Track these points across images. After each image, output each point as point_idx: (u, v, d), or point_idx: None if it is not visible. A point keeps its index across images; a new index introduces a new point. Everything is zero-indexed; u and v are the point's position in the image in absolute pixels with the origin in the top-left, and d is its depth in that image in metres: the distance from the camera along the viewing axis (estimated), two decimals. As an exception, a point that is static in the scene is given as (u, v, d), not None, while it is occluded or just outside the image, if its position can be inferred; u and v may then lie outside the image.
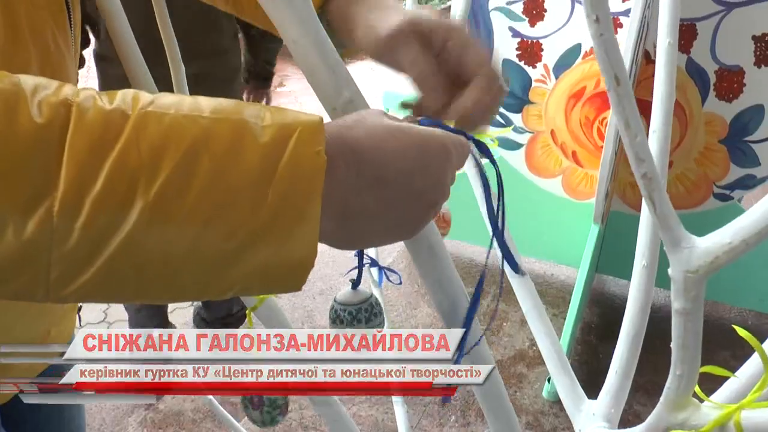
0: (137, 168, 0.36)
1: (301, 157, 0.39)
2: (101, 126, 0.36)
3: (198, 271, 0.39)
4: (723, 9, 2.20)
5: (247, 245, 0.38)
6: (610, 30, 0.29)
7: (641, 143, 0.34)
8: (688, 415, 0.49)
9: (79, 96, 0.37)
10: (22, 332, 0.76)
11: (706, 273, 0.37)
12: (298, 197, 0.38)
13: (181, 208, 0.37)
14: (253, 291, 0.42)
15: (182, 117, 0.38)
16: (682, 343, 0.42)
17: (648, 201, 0.36)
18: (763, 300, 2.57)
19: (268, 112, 0.40)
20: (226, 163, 0.38)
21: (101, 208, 0.36)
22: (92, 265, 0.37)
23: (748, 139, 2.33)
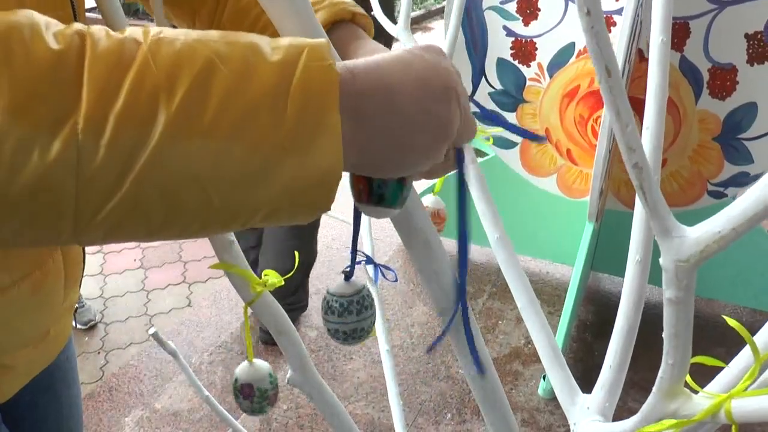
0: (156, 84, 0.37)
1: (314, 70, 0.40)
2: (117, 50, 0.37)
3: (226, 188, 0.39)
4: (716, 7, 2.21)
5: (272, 160, 0.39)
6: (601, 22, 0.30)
7: (632, 133, 0.34)
8: (680, 405, 0.49)
9: (91, 28, 0.38)
10: (24, 331, 0.76)
11: (697, 262, 0.38)
12: (317, 108, 0.39)
13: (203, 122, 0.37)
14: (281, 213, 0.41)
15: (193, 41, 0.39)
16: (674, 332, 0.43)
17: (639, 191, 0.37)
18: (757, 296, 2.59)
19: (274, 39, 0.42)
20: (241, 79, 0.38)
21: (125, 124, 0.36)
22: (120, 187, 0.36)
23: (742, 136, 2.35)
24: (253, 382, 0.71)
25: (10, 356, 0.76)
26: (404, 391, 2.41)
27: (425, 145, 0.46)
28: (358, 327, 0.58)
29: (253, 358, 0.73)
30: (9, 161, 0.34)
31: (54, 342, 0.85)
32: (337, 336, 0.59)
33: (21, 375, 0.81)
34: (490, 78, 2.57)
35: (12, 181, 0.35)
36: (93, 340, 2.68)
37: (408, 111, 0.44)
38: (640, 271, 0.70)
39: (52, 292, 0.76)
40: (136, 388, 2.41)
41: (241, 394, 0.72)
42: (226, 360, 2.54)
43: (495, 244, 0.75)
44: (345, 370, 2.50)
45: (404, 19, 0.86)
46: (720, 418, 0.47)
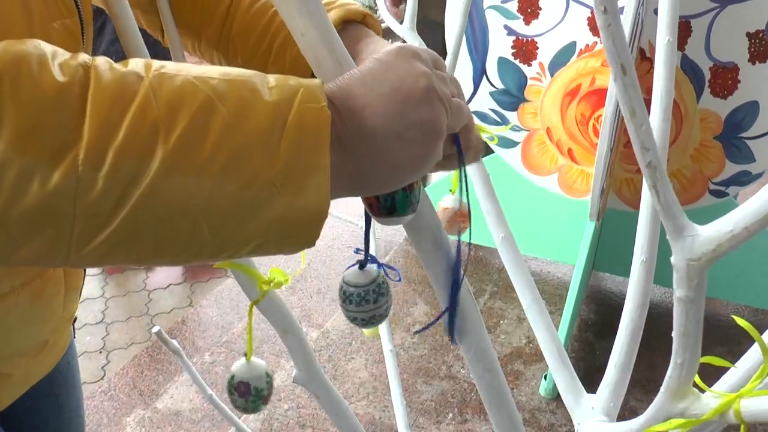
0: (156, 120, 0.38)
1: (307, 111, 0.41)
2: (119, 84, 0.38)
3: (217, 222, 0.40)
4: (717, 6, 2.21)
5: (263, 196, 0.40)
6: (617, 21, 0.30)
7: (646, 132, 0.34)
8: (688, 404, 0.49)
9: (96, 60, 0.40)
10: (22, 341, 0.76)
11: (709, 261, 0.38)
12: (308, 148, 0.41)
13: (198, 158, 0.38)
14: (269, 246, 0.43)
15: (194, 77, 0.40)
16: (684, 331, 0.43)
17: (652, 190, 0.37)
18: (759, 296, 2.59)
19: (272, 77, 0.43)
20: (238, 117, 0.40)
21: (124, 157, 0.37)
22: (115, 217, 0.38)
23: (743, 135, 2.35)
24: (250, 380, 0.71)
25: (8, 364, 0.76)
26: (405, 391, 2.41)
27: (415, 156, 0.46)
28: (376, 314, 0.59)
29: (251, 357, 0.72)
30: (10, 189, 0.36)
31: (52, 351, 0.85)
32: (356, 322, 0.60)
33: (19, 383, 0.80)
34: (491, 77, 2.57)
35: (11, 207, 0.36)
36: (94, 340, 2.68)
37: (389, 129, 0.45)
38: (645, 272, 0.70)
39: (51, 300, 0.75)
40: (137, 388, 2.41)
41: (236, 392, 0.72)
42: (227, 360, 2.54)
43: (500, 243, 0.75)
44: (346, 370, 2.50)
45: (410, 19, 0.86)
46: (729, 418, 0.47)
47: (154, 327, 0.88)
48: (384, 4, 1.04)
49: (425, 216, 0.55)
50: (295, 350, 0.73)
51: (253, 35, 0.75)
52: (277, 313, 0.71)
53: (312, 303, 2.86)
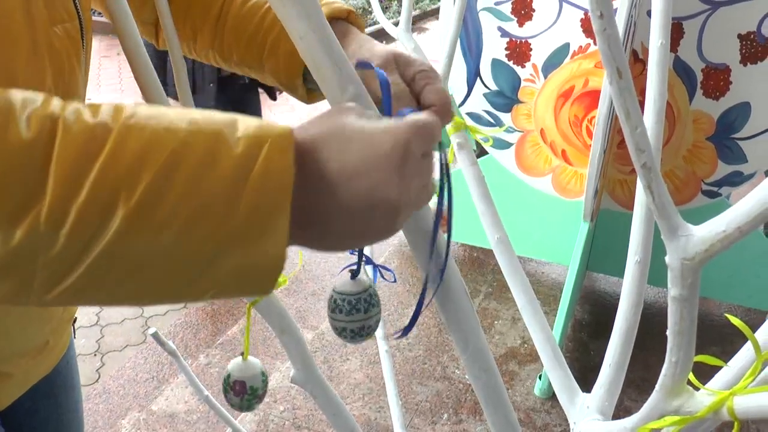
0: (119, 178, 0.38)
1: (272, 167, 0.41)
2: (86, 139, 0.38)
3: (175, 275, 0.41)
4: (709, 8, 2.22)
5: (221, 250, 0.40)
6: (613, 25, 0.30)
7: (641, 134, 0.35)
8: (682, 402, 0.50)
9: (65, 110, 0.39)
10: (23, 341, 0.77)
11: (702, 260, 0.38)
12: (269, 206, 0.41)
13: (159, 215, 0.39)
14: (227, 294, 0.44)
15: (162, 129, 0.40)
16: (678, 329, 0.44)
17: (647, 190, 0.37)
18: (752, 296, 2.60)
19: (242, 123, 0.42)
20: (201, 173, 0.40)
21: (86, 216, 0.37)
22: (75, 271, 0.39)
23: (735, 136, 2.36)
24: (246, 379, 0.71)
25: (9, 364, 0.76)
26: (400, 392, 2.41)
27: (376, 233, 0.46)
28: (365, 325, 0.59)
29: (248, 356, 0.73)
30: None
31: (52, 352, 0.85)
32: (344, 334, 0.59)
33: (19, 383, 0.81)
34: (485, 79, 2.58)
35: None
36: (89, 342, 2.68)
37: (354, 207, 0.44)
38: (639, 272, 0.71)
39: None
40: (132, 390, 2.40)
41: (232, 390, 0.72)
42: (221, 362, 2.54)
43: (495, 244, 0.76)
44: (342, 371, 2.50)
45: (405, 21, 0.86)
46: (722, 415, 0.48)
47: (150, 329, 0.89)
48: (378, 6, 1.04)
49: (422, 218, 0.55)
50: (292, 350, 0.73)
51: (247, 32, 0.77)
52: (275, 313, 0.71)
53: (307, 305, 2.87)
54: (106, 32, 6.02)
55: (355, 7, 8.28)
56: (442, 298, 0.57)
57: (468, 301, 0.58)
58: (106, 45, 6.77)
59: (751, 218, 0.35)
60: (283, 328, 0.71)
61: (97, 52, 6.50)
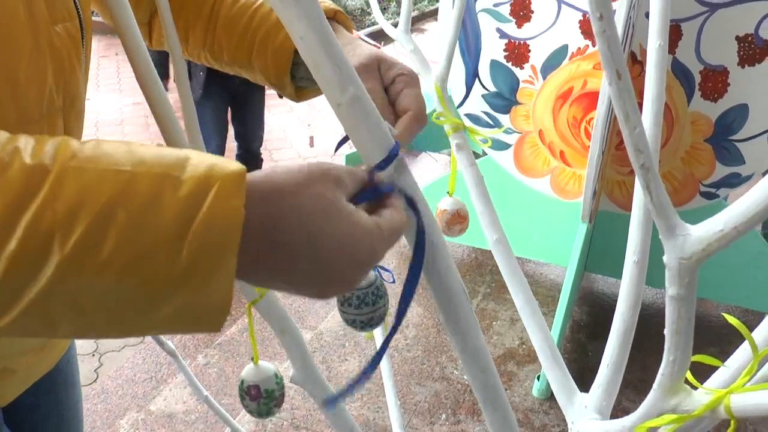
0: (52, 225, 0.37)
1: (218, 210, 0.39)
2: (20, 184, 0.37)
3: (114, 317, 0.40)
4: (707, 10, 2.23)
5: (162, 295, 0.39)
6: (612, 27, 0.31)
7: (640, 135, 0.35)
8: (680, 400, 0.50)
9: (4, 150, 0.38)
10: (23, 340, 0.77)
11: (699, 260, 0.39)
12: (214, 251, 0.39)
13: (95, 262, 0.38)
14: (172, 332, 0.43)
15: (102, 171, 0.39)
16: (676, 328, 0.44)
17: (645, 190, 0.38)
18: (749, 296, 2.61)
19: (193, 163, 0.41)
20: (141, 219, 0.38)
21: (16, 266, 0.37)
22: (9, 314, 0.38)
23: (733, 138, 2.37)
24: (260, 383, 0.72)
25: (12, 360, 0.77)
26: (399, 392, 2.42)
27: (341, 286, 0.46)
28: (374, 316, 0.59)
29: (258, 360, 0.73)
30: None
31: (54, 349, 0.86)
32: (354, 325, 0.61)
33: (22, 379, 0.82)
34: (484, 80, 2.58)
35: None
36: (87, 343, 2.68)
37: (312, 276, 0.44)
38: (637, 272, 0.71)
39: None
40: (131, 391, 2.40)
41: (248, 396, 0.72)
42: (219, 362, 2.54)
43: (494, 245, 0.76)
44: (340, 371, 2.50)
45: (404, 22, 0.86)
46: (719, 414, 0.48)
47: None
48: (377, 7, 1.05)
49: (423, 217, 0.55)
50: (292, 350, 0.74)
51: (237, 31, 0.78)
52: (275, 313, 0.72)
53: (306, 305, 2.87)
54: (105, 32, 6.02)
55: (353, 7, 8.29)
56: (441, 298, 0.58)
57: (466, 301, 0.58)
58: (104, 45, 6.78)
59: (748, 218, 0.35)
60: (283, 328, 0.72)
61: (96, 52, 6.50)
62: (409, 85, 0.65)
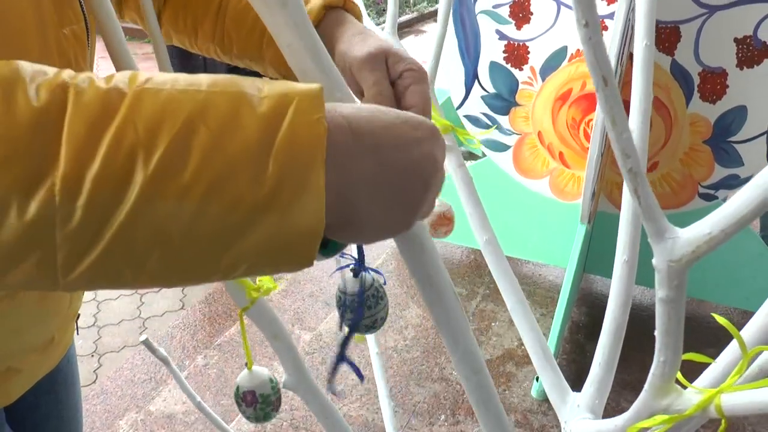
0: (134, 144, 0.36)
1: (300, 125, 0.39)
2: (98, 105, 0.37)
3: (200, 248, 0.38)
4: (705, 12, 2.23)
5: (250, 218, 0.38)
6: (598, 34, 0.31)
7: (627, 140, 0.36)
8: (671, 401, 0.51)
9: (77, 78, 0.38)
10: (31, 337, 0.78)
11: (689, 262, 0.39)
12: (300, 166, 0.38)
13: (179, 183, 0.37)
14: (262, 267, 0.41)
15: (178, 92, 0.38)
16: (666, 329, 0.44)
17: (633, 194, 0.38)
18: (748, 298, 2.61)
19: (267, 84, 0.40)
20: (223, 135, 0.38)
21: (102, 186, 0.36)
22: (97, 245, 0.37)
23: (732, 139, 2.37)
24: (255, 388, 0.72)
25: (18, 360, 0.78)
26: (398, 393, 2.42)
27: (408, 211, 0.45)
28: (377, 317, 0.59)
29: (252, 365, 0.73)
30: None
31: (57, 347, 0.87)
32: (359, 330, 0.60)
33: (26, 378, 0.82)
34: (483, 81, 2.59)
35: None
36: (86, 343, 2.68)
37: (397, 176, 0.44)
38: (627, 271, 0.72)
39: (58, 298, 0.78)
40: (130, 391, 2.41)
41: (243, 402, 0.73)
42: (219, 363, 2.54)
43: (484, 246, 0.76)
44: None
45: (391, 24, 0.86)
46: (710, 413, 0.49)
47: (142, 335, 0.89)
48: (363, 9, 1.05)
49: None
50: (284, 355, 0.74)
51: (246, 23, 0.77)
52: (266, 318, 0.72)
53: (305, 306, 2.87)
54: (106, 33, 6.01)
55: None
56: (431, 300, 0.58)
57: (456, 302, 0.58)
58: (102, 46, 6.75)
59: (736, 220, 0.35)
60: (275, 333, 0.72)
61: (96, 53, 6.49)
62: (416, 81, 0.64)
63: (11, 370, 0.77)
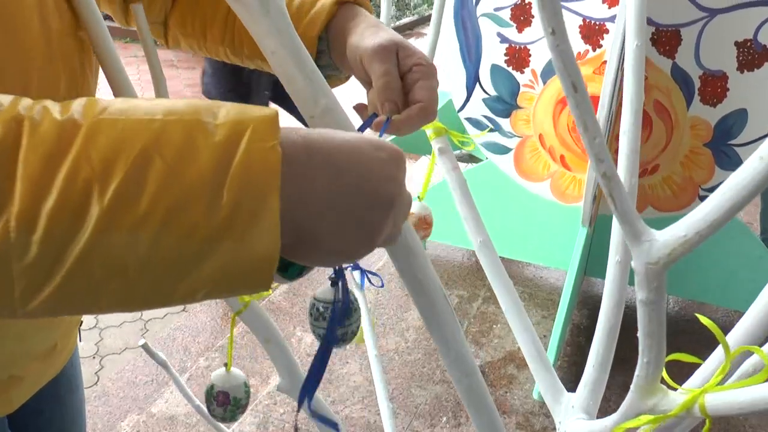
0: (90, 177, 0.36)
1: (255, 152, 0.39)
2: (53, 138, 0.37)
3: (159, 275, 0.39)
4: (706, 15, 2.23)
5: (206, 246, 0.38)
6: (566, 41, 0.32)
7: (600, 144, 0.36)
8: (657, 401, 0.51)
9: (33, 110, 0.38)
10: (34, 344, 0.79)
11: (666, 264, 0.40)
12: (254, 194, 0.38)
13: (135, 213, 0.37)
14: (220, 293, 0.41)
15: (134, 122, 0.38)
16: (647, 331, 0.45)
17: (609, 198, 0.39)
18: (749, 301, 2.59)
19: (224, 109, 0.40)
20: (178, 165, 0.38)
21: (57, 220, 0.36)
22: (54, 277, 0.37)
23: (732, 142, 2.37)
24: (229, 390, 0.72)
25: (21, 368, 0.78)
26: (399, 395, 2.43)
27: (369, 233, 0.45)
28: (349, 330, 0.59)
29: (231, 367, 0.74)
30: None
31: (60, 355, 0.87)
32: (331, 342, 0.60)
33: (29, 386, 0.83)
34: (485, 84, 2.60)
35: None
36: (88, 345, 2.69)
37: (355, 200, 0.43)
38: (620, 272, 0.72)
39: None
40: (132, 393, 2.42)
41: (215, 401, 0.73)
42: (221, 365, 2.55)
43: (478, 247, 0.77)
44: (341, 374, 2.52)
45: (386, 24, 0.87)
46: (695, 413, 0.49)
47: (141, 339, 0.90)
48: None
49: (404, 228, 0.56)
50: (277, 359, 0.74)
51: None
52: (259, 322, 0.72)
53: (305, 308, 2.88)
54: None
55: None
56: (421, 304, 0.58)
57: (447, 306, 0.59)
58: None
59: (709, 223, 0.36)
60: (268, 337, 0.73)
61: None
62: (426, 76, 0.64)
63: (14, 378, 0.78)
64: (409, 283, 0.57)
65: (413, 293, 0.57)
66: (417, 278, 0.56)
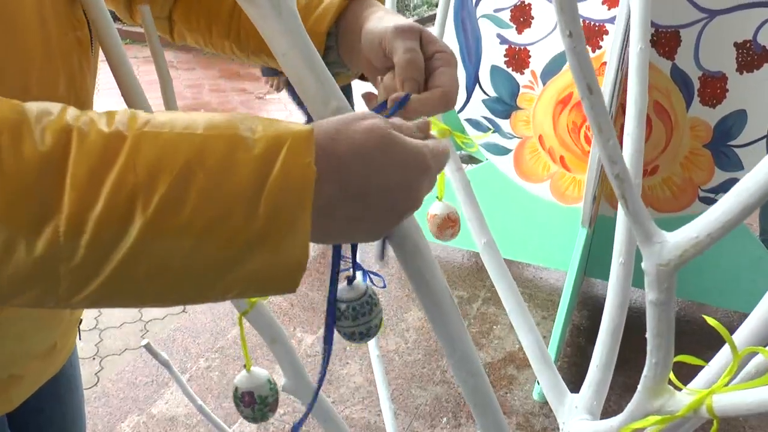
0: (135, 187, 0.39)
1: (292, 167, 0.41)
2: (100, 149, 0.39)
3: (196, 278, 0.42)
4: (706, 16, 2.24)
5: (241, 254, 0.41)
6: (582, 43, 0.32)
7: (613, 146, 0.37)
8: (664, 402, 0.51)
9: (79, 120, 0.40)
10: (34, 343, 0.79)
11: (677, 266, 0.40)
12: (290, 207, 0.41)
13: (177, 222, 0.39)
14: (250, 294, 0.44)
15: (176, 135, 0.41)
16: (657, 332, 0.45)
17: (621, 199, 0.39)
18: (749, 302, 2.60)
19: (261, 125, 0.43)
20: (219, 178, 0.40)
21: (104, 226, 0.39)
22: (97, 278, 0.40)
23: (732, 143, 2.38)
24: (253, 389, 0.72)
25: (20, 366, 0.78)
26: (400, 396, 2.43)
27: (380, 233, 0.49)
28: (372, 325, 0.60)
29: (251, 367, 0.74)
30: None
31: (60, 354, 0.87)
32: (353, 338, 0.61)
33: (28, 385, 0.83)
34: (484, 85, 2.60)
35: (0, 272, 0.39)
36: (88, 346, 2.69)
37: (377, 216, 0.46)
38: (623, 273, 0.72)
39: None
40: (132, 394, 2.42)
41: (242, 403, 0.73)
42: (221, 365, 2.55)
43: (482, 248, 0.77)
44: (341, 375, 2.52)
45: None
46: (702, 413, 0.49)
47: (143, 340, 0.90)
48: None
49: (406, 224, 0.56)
50: (283, 359, 0.74)
51: None
52: (265, 322, 0.72)
53: (306, 309, 2.88)
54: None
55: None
56: (427, 304, 0.58)
57: (453, 305, 0.59)
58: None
59: (721, 225, 0.36)
60: (273, 337, 0.73)
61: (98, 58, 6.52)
62: (447, 64, 0.63)
63: (13, 377, 0.78)
64: (416, 282, 0.57)
65: (420, 293, 0.57)
66: (424, 278, 0.56)
